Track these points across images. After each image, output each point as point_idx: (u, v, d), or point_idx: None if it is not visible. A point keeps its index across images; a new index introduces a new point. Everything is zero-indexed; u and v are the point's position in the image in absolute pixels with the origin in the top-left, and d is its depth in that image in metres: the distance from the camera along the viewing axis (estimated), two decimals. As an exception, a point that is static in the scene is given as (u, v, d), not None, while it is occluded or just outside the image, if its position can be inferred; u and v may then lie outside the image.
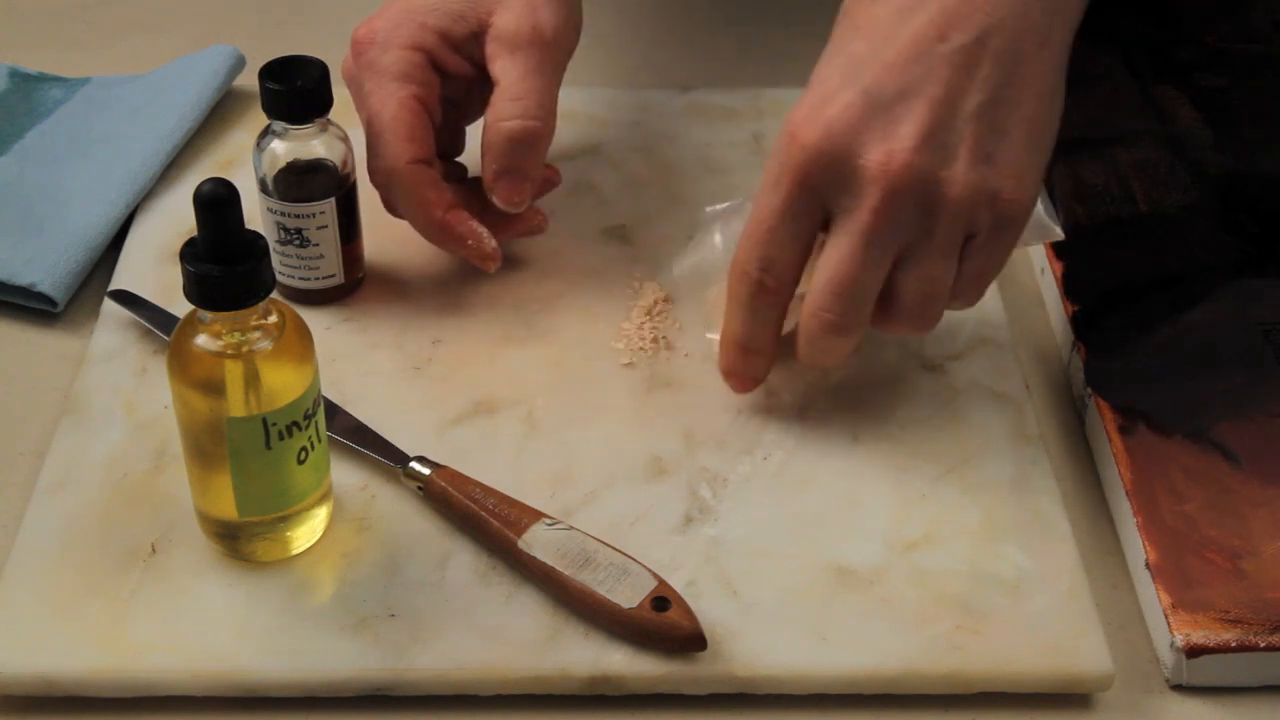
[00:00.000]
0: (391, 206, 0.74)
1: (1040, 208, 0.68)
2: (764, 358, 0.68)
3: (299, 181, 0.72)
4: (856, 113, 0.61)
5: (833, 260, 0.63)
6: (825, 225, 0.64)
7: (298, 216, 0.72)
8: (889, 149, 0.61)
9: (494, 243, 0.73)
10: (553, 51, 0.73)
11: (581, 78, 0.75)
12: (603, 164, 0.84)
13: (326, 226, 0.73)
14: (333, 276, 0.75)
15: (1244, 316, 0.74)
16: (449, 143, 0.77)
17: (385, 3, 0.74)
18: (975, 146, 0.61)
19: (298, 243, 0.73)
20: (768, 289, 0.65)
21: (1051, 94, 0.64)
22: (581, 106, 0.87)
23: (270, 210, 0.72)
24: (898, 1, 0.63)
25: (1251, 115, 0.86)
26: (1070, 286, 0.76)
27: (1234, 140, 0.84)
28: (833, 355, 0.66)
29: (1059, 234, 0.70)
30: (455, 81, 0.73)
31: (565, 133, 0.72)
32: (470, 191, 0.75)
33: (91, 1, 0.99)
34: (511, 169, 0.72)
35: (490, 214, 0.74)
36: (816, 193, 0.63)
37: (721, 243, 0.71)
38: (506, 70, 0.72)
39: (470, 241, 0.73)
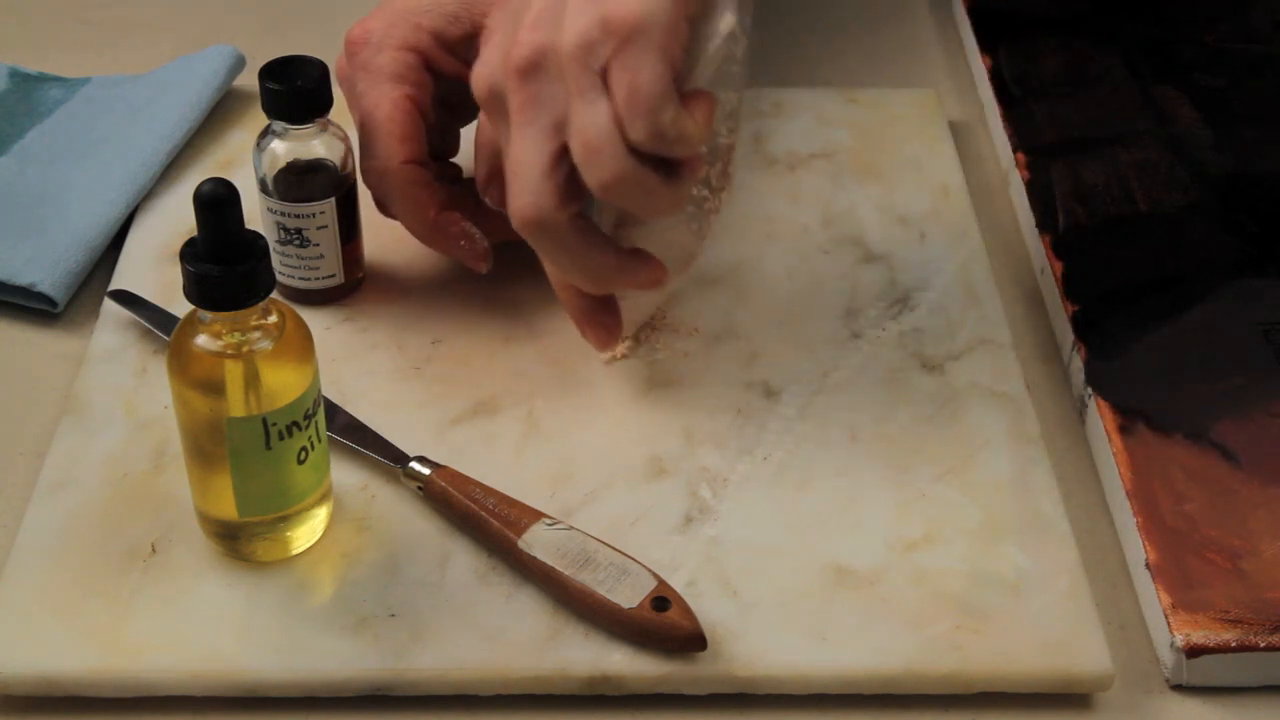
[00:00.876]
0: (384, 207, 0.74)
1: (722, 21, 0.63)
2: (582, 295, 0.69)
3: (299, 181, 0.72)
4: (498, 37, 0.64)
5: (505, 154, 0.65)
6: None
7: (298, 216, 0.72)
8: (509, 44, 0.63)
9: (486, 243, 0.73)
10: None
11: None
12: (603, 164, 0.84)
13: (326, 226, 0.73)
14: (333, 276, 0.75)
15: (1244, 316, 0.74)
16: (443, 144, 0.77)
17: (379, 3, 0.74)
18: None
19: (298, 243, 0.73)
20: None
21: None
22: (581, 106, 0.87)
23: (270, 210, 0.72)
24: None
25: (1251, 115, 0.86)
26: (1070, 286, 0.76)
27: (1234, 140, 0.84)
28: (556, 247, 0.65)
29: (730, 21, 0.64)
30: (449, 83, 0.73)
31: (565, 133, 0.72)
32: (464, 192, 0.75)
33: (91, 1, 0.99)
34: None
35: (484, 215, 0.74)
36: (502, 120, 0.65)
37: None
38: None
39: (463, 242, 0.73)
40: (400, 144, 0.71)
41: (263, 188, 0.72)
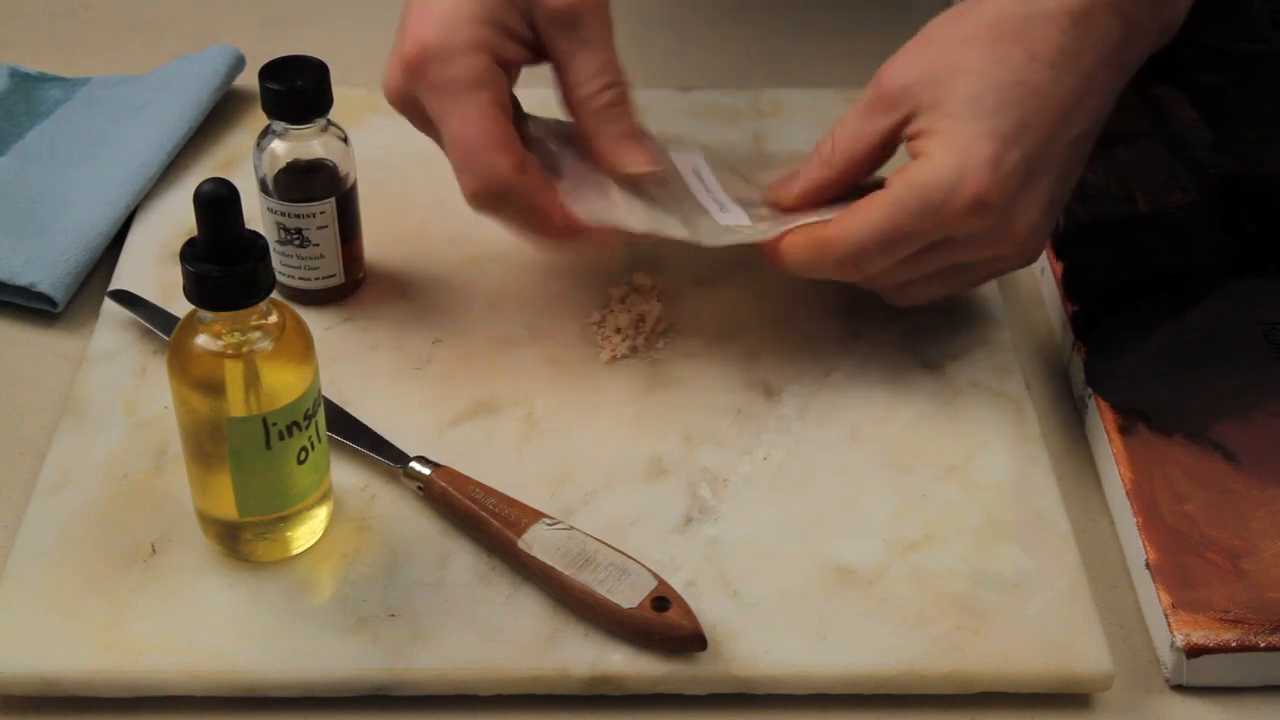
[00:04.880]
0: (498, 220, 0.69)
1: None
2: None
3: (299, 181, 0.72)
4: (1017, 181, 0.67)
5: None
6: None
7: (298, 216, 0.72)
8: (1021, 227, 0.68)
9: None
10: (603, 10, 0.69)
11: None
12: (603, 164, 0.84)
13: (326, 226, 0.73)
14: (333, 276, 0.75)
15: (1244, 316, 0.74)
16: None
17: (414, 7, 0.68)
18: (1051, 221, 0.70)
19: (298, 243, 0.73)
20: (850, 272, 0.69)
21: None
22: (581, 106, 0.87)
23: (270, 210, 0.72)
24: (1051, 57, 0.68)
25: (1251, 115, 0.86)
26: (1070, 286, 0.76)
27: (1234, 140, 0.84)
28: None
29: None
30: (515, 70, 0.70)
31: (565, 133, 0.72)
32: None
33: (92, 1, 0.99)
34: (630, 132, 0.69)
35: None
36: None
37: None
38: (574, 51, 0.69)
39: (594, 235, 0.69)
40: (505, 155, 0.66)
41: (263, 188, 0.72)
